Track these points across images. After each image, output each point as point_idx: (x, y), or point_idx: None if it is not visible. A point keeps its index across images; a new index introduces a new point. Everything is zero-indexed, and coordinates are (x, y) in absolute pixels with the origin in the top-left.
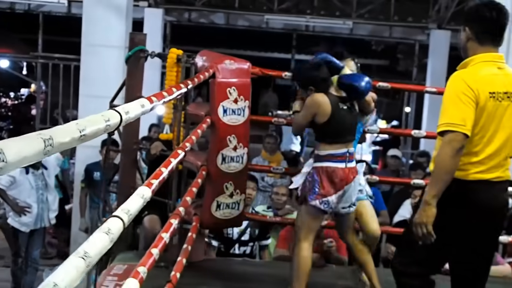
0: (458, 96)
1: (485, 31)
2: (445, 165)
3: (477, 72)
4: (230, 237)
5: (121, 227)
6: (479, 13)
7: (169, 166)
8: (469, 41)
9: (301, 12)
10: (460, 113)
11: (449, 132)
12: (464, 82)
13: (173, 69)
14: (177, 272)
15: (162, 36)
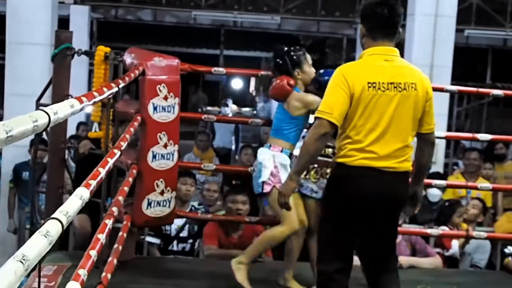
0: (333, 87)
1: (377, 27)
2: (308, 147)
3: (359, 64)
4: (168, 233)
5: (60, 229)
6: (372, 11)
7: (106, 166)
8: (363, 37)
9: (229, 7)
10: (329, 102)
11: (317, 119)
12: (341, 74)
13: (101, 66)
14: (108, 272)
15: (89, 33)
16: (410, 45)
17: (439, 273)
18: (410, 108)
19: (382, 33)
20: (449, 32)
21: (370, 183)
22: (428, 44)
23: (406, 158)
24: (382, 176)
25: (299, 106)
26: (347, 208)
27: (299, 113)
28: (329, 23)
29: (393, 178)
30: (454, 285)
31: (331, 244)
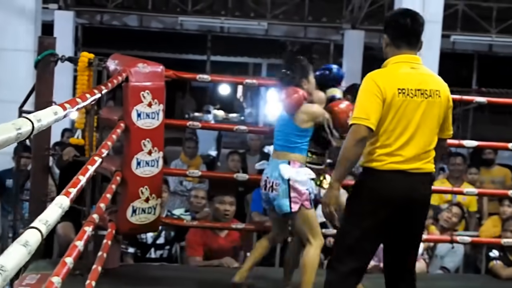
0: (366, 94)
1: (401, 36)
2: (346, 153)
3: (388, 71)
4: (144, 241)
5: (39, 239)
6: (395, 21)
7: (86, 174)
8: (387, 46)
9: (216, 13)
10: (365, 108)
11: (353, 125)
12: (372, 81)
13: (84, 73)
14: (92, 280)
15: (74, 39)
16: None
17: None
18: (435, 114)
19: (406, 42)
20: (435, 38)
21: (399, 186)
22: None
23: (430, 160)
24: (409, 177)
25: (306, 118)
26: (377, 213)
27: (307, 125)
28: (316, 28)
29: (420, 179)
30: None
31: (353, 248)
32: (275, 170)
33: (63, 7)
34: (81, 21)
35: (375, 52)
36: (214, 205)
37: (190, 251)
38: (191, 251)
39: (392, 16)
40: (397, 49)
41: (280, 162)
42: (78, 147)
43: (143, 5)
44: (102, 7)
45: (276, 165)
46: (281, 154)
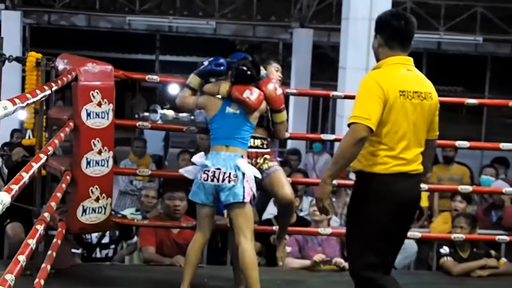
0: (368, 94)
1: (394, 38)
2: (344, 151)
3: (388, 73)
4: (89, 242)
5: None
6: (389, 23)
7: (30, 171)
8: (380, 47)
9: (164, 13)
10: (367, 108)
11: (352, 124)
12: (374, 81)
13: (32, 73)
14: (41, 279)
15: (21, 39)
16: (345, 49)
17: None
18: (427, 115)
19: (399, 44)
20: None
21: (403, 188)
22: (363, 48)
23: (421, 160)
24: (410, 179)
25: (257, 114)
26: (385, 215)
27: (256, 120)
28: (264, 27)
29: (417, 180)
30: None
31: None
32: (228, 162)
33: (10, 7)
34: (28, 21)
35: (324, 50)
36: (165, 202)
37: (143, 241)
38: (144, 241)
39: (385, 18)
40: (390, 50)
41: (234, 156)
42: (28, 147)
43: (91, 5)
44: (49, 7)
45: (228, 158)
46: (231, 148)
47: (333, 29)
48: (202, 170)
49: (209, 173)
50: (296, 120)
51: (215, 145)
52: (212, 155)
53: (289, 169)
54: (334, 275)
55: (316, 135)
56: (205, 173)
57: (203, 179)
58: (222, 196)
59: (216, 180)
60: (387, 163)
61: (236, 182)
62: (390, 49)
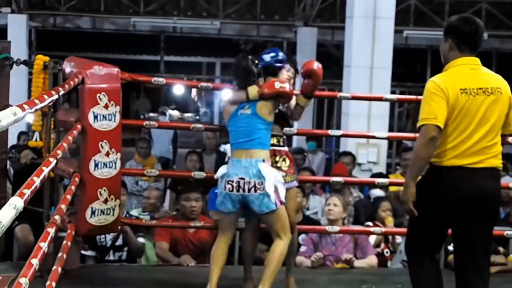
0: (430, 96)
1: (465, 42)
2: (419, 153)
3: (448, 74)
4: (103, 244)
5: None
6: (461, 28)
7: (41, 175)
8: (450, 51)
9: (168, 13)
10: (431, 108)
11: (422, 126)
12: (434, 83)
13: (40, 76)
14: (52, 281)
15: (27, 42)
16: (349, 47)
17: (383, 272)
18: (497, 110)
19: (469, 47)
20: (388, 34)
21: (462, 181)
22: (367, 46)
23: (494, 155)
24: (472, 172)
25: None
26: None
27: (272, 117)
28: (268, 27)
29: (483, 174)
30: (399, 284)
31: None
32: (250, 169)
33: (16, 11)
34: (34, 24)
35: (328, 49)
36: (181, 203)
37: (158, 237)
38: (158, 237)
39: (457, 23)
40: (460, 53)
41: (255, 162)
42: (36, 149)
43: (96, 7)
44: (54, 10)
45: (249, 165)
46: (250, 152)
47: (337, 28)
48: (225, 180)
49: (234, 184)
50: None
51: (235, 150)
52: (233, 163)
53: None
54: (342, 273)
55: (323, 131)
56: (229, 183)
57: (228, 189)
58: (254, 207)
59: (242, 190)
60: (446, 156)
61: (263, 190)
62: (460, 52)
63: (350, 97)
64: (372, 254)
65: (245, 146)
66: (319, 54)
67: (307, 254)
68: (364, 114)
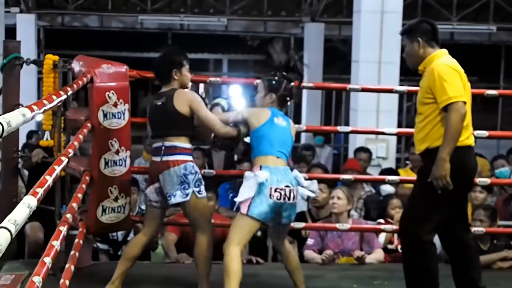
0: (449, 76)
1: (433, 38)
2: (456, 128)
3: (450, 59)
4: (115, 239)
5: (9, 238)
6: (425, 27)
7: (53, 174)
8: (421, 49)
9: (175, 11)
10: (455, 86)
11: (453, 104)
12: (447, 66)
13: (50, 75)
14: (66, 279)
15: (36, 41)
16: (357, 43)
17: (393, 268)
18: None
19: (436, 42)
20: (395, 28)
21: (473, 159)
22: (375, 41)
23: None
24: (473, 151)
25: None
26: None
27: None
28: (275, 23)
29: (474, 152)
30: None
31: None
32: (288, 176)
33: (24, 10)
34: (42, 24)
35: (334, 44)
36: None
37: (168, 227)
38: (169, 227)
39: (418, 24)
40: (432, 48)
41: (288, 170)
42: (46, 148)
43: (103, 5)
44: (62, 9)
45: (287, 172)
46: (281, 161)
47: (344, 23)
48: (270, 187)
49: (282, 192)
50: (310, 114)
51: (269, 156)
52: (272, 170)
53: (305, 165)
54: (352, 269)
55: (332, 127)
56: (277, 191)
57: (276, 198)
58: (285, 214)
59: (287, 199)
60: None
61: (297, 198)
62: (431, 47)
63: (360, 89)
64: (379, 247)
65: (278, 154)
66: (326, 50)
67: (315, 248)
68: (373, 108)
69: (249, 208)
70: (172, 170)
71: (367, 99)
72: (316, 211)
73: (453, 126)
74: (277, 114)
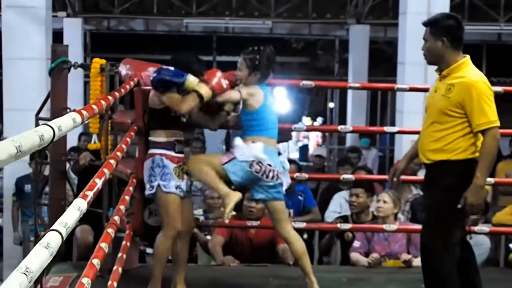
0: (488, 98)
1: (458, 40)
2: (493, 155)
3: (482, 75)
4: None
5: (60, 241)
6: (452, 26)
7: (102, 177)
8: (445, 49)
9: (220, 14)
10: (492, 111)
11: (492, 129)
12: (486, 85)
13: (97, 79)
14: (113, 281)
15: (83, 45)
16: (403, 44)
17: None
18: None
19: (459, 44)
20: None
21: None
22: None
23: None
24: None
25: None
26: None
27: None
28: (320, 25)
29: None
30: None
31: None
32: (274, 156)
33: (71, 15)
34: (89, 28)
35: (379, 46)
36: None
37: (216, 230)
38: (217, 230)
39: (447, 21)
40: (456, 50)
41: (275, 151)
42: (94, 151)
43: (148, 9)
44: (108, 13)
45: (274, 153)
46: (273, 141)
47: (390, 24)
48: (255, 161)
49: (262, 167)
50: (355, 116)
51: (260, 136)
52: (266, 149)
53: (350, 167)
54: (399, 272)
55: (378, 128)
56: (258, 164)
57: (255, 170)
58: (264, 191)
59: (265, 176)
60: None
61: (281, 180)
62: (455, 50)
63: (407, 88)
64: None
65: (272, 135)
66: (371, 52)
67: (362, 250)
68: (419, 110)
69: (227, 162)
70: (144, 164)
71: (413, 101)
72: (356, 215)
73: (491, 153)
74: (267, 93)
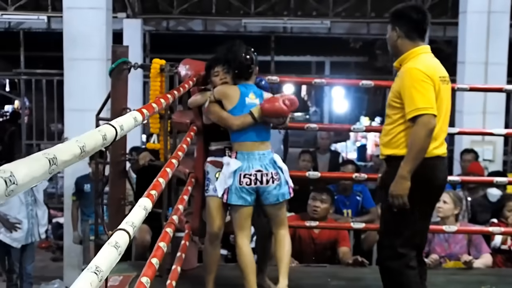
0: (420, 84)
1: (413, 30)
2: (420, 144)
3: (425, 61)
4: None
5: (128, 240)
6: (409, 16)
7: (166, 176)
8: (399, 39)
9: (278, 14)
10: (425, 97)
11: (421, 116)
12: (420, 71)
13: (157, 79)
14: (172, 280)
15: (142, 45)
16: (463, 43)
17: (502, 273)
18: (450, 99)
19: (417, 34)
20: (503, 28)
21: (439, 170)
22: (482, 42)
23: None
24: (443, 161)
25: None
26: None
27: None
28: (378, 24)
29: (446, 162)
30: None
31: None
32: (264, 161)
33: (131, 16)
34: (148, 28)
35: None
36: (308, 201)
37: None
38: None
39: (404, 11)
40: (411, 41)
41: (267, 153)
42: (153, 151)
43: (207, 9)
44: (167, 14)
45: (262, 156)
46: (264, 144)
47: (449, 23)
48: (239, 174)
49: (252, 177)
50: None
51: (244, 142)
52: (243, 156)
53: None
54: (459, 273)
55: None
56: (246, 177)
57: (246, 183)
58: (268, 197)
59: (260, 183)
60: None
61: (280, 181)
62: (410, 40)
63: (468, 88)
64: (487, 252)
65: (258, 138)
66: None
67: None
68: (479, 110)
69: (228, 197)
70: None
71: (473, 101)
72: None
73: (418, 141)
74: (247, 92)
